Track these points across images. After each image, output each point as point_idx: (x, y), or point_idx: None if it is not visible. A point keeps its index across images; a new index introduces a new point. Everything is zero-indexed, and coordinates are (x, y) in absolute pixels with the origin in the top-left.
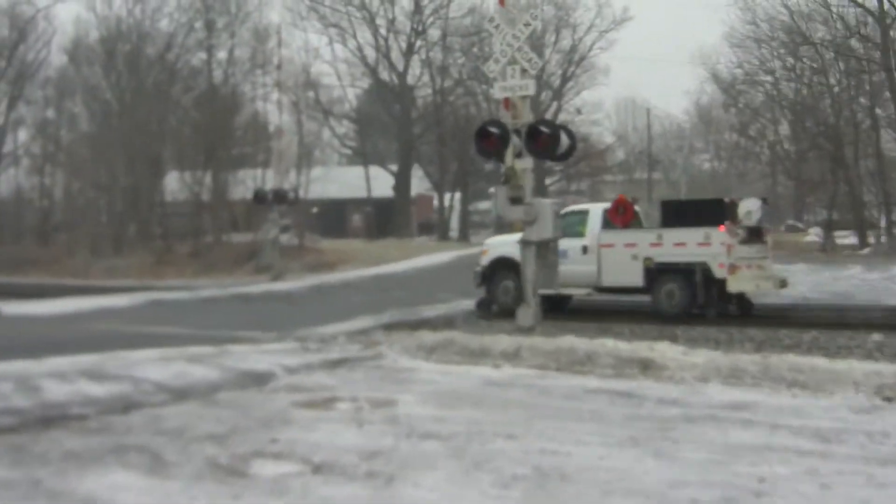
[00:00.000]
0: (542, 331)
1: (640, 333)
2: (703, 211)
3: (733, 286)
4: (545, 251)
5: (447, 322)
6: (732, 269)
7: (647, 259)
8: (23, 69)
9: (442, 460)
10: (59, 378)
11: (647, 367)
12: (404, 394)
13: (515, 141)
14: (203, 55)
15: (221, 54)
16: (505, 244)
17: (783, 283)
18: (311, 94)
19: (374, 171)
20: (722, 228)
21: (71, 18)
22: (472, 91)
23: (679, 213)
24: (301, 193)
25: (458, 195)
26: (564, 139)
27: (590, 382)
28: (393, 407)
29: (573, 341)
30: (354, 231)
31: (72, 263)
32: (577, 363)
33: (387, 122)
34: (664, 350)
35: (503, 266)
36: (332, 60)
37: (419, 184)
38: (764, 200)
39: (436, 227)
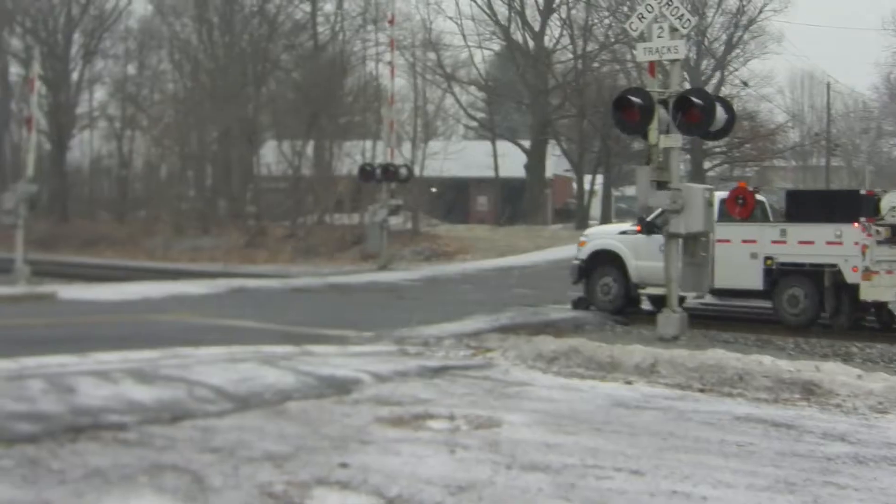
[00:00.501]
0: (687, 341)
1: (806, 349)
2: (836, 204)
3: (868, 294)
4: (694, 246)
5: (576, 326)
6: (867, 273)
7: (768, 258)
8: (100, 18)
9: (545, 499)
10: (101, 378)
11: (810, 391)
12: (512, 412)
13: (662, 113)
14: (307, 7)
15: (328, 6)
16: (606, 235)
17: None
18: (431, 55)
19: (504, 146)
20: (856, 225)
21: None
22: (621, 57)
23: (807, 206)
24: (416, 170)
25: (600, 178)
26: (721, 113)
27: (739, 408)
28: (496, 429)
29: (722, 356)
30: (479, 215)
31: (151, 243)
32: (725, 383)
33: (520, 90)
34: (833, 372)
35: (603, 260)
36: (456, 17)
37: (556, 164)
38: None
39: (574, 214)
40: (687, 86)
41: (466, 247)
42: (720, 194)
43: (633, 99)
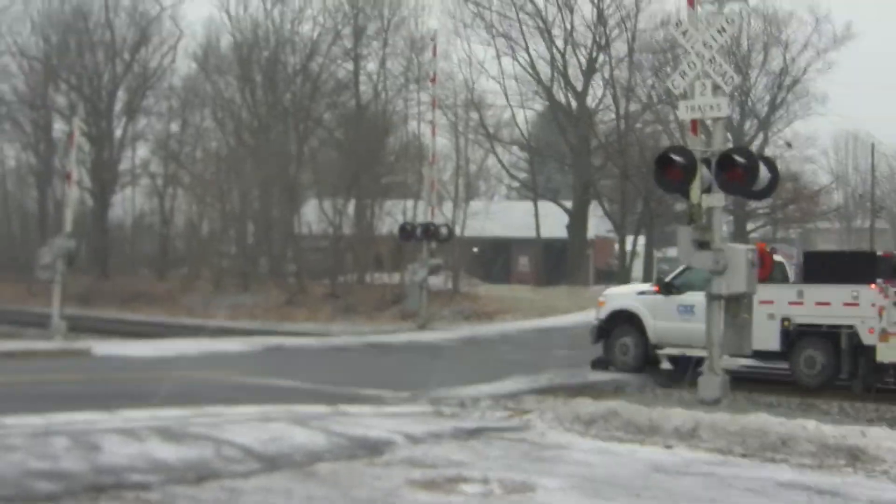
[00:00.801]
0: (729, 404)
1: (851, 413)
2: (853, 265)
3: (885, 356)
4: (736, 308)
5: (616, 388)
6: (885, 335)
7: (785, 319)
8: (144, 76)
9: None
10: (127, 436)
11: (856, 457)
12: (547, 477)
13: (704, 172)
14: (350, 66)
15: (371, 66)
16: (625, 296)
17: None
18: (474, 115)
19: (546, 207)
20: (873, 287)
21: (201, 20)
22: (664, 117)
23: (824, 268)
24: (458, 230)
25: (642, 239)
26: (764, 172)
27: (783, 474)
28: (529, 494)
29: (765, 420)
30: (520, 276)
31: (190, 300)
32: (768, 448)
33: (562, 150)
34: (879, 437)
35: (622, 320)
36: (499, 77)
37: (598, 224)
38: None
39: (616, 275)
40: (731, 146)
41: (507, 307)
42: None
43: (676, 157)
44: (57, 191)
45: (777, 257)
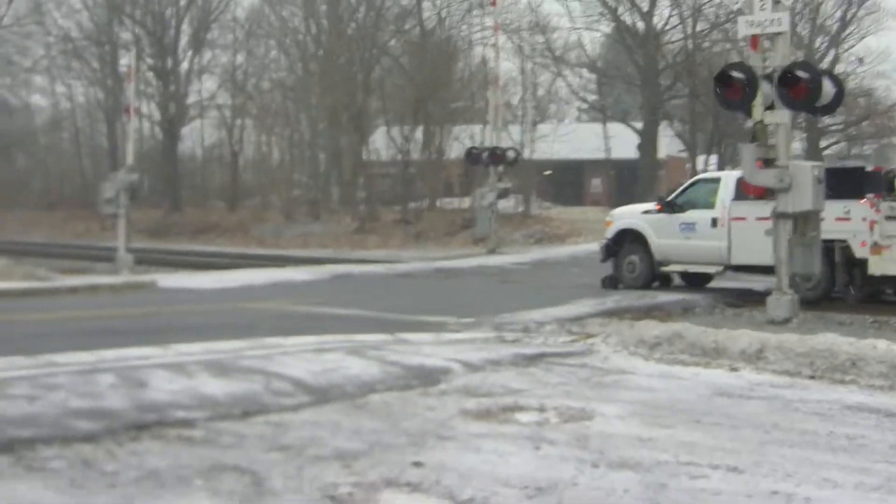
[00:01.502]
0: (799, 325)
1: None
2: (844, 181)
3: (876, 268)
4: (804, 226)
5: (684, 309)
6: (876, 248)
7: None
8: (208, 8)
9: (631, 502)
10: (176, 371)
11: None
12: (606, 403)
13: (766, 89)
14: None
15: None
16: (631, 215)
17: None
18: (539, 38)
19: (616, 128)
20: (864, 202)
21: None
22: (732, 36)
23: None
24: (527, 153)
25: (714, 158)
26: (828, 87)
27: (851, 396)
28: (587, 422)
29: (833, 340)
30: (593, 197)
31: (261, 230)
32: (837, 370)
33: (630, 72)
34: None
35: (629, 239)
36: None
37: (669, 144)
38: None
39: None
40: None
41: (578, 229)
42: (735, 174)
43: (736, 74)
44: (126, 125)
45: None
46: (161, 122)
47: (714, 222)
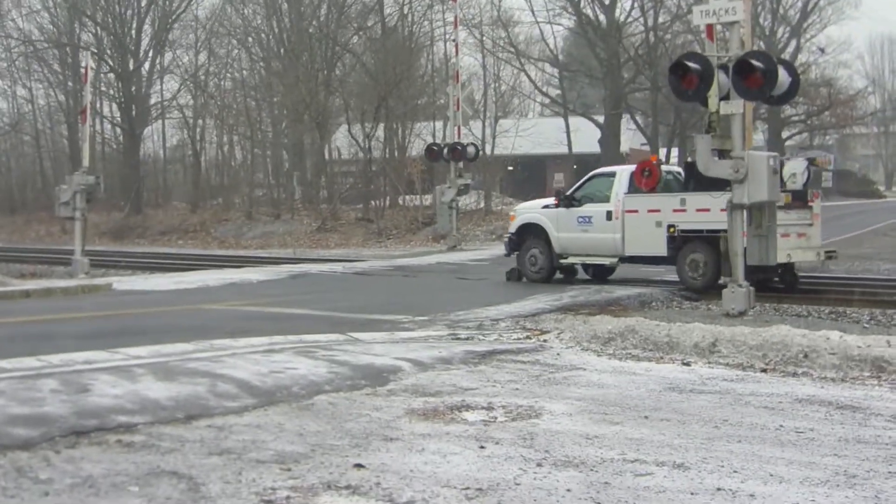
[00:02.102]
0: (755, 317)
1: (883, 321)
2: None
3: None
4: (759, 217)
5: (641, 303)
6: None
7: (670, 226)
8: (169, 8)
9: (572, 502)
10: (120, 374)
11: (881, 369)
12: (555, 401)
13: (722, 79)
14: None
15: None
16: (532, 209)
17: (830, 255)
18: (501, 33)
19: (578, 122)
20: None
21: None
22: (694, 28)
23: (703, 176)
24: (488, 149)
25: (675, 150)
26: (784, 76)
27: (802, 389)
28: (534, 419)
29: (787, 332)
30: (556, 192)
31: (223, 231)
32: (789, 362)
33: (592, 65)
34: None
35: (530, 233)
36: None
37: (631, 138)
38: (811, 161)
39: None
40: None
41: None
42: (629, 168)
43: (691, 65)
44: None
45: (667, 168)
46: (122, 124)
47: (609, 215)
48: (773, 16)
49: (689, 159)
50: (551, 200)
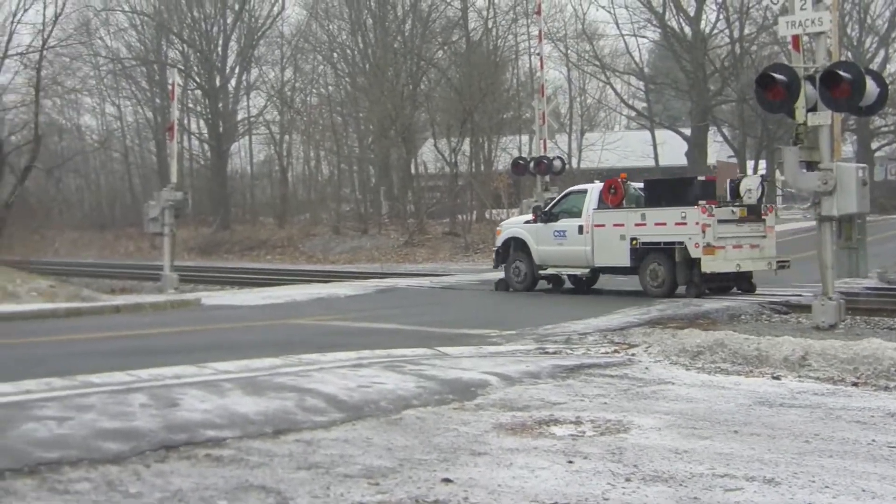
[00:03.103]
0: (846, 330)
1: None
2: (681, 190)
3: (708, 266)
4: (849, 229)
5: (730, 317)
6: (709, 248)
7: (633, 239)
8: (254, 25)
9: None
10: (209, 389)
11: None
12: (644, 415)
13: (809, 90)
14: (458, 4)
15: (480, 2)
16: (515, 225)
17: (783, 265)
18: (586, 46)
19: (664, 135)
20: (697, 208)
21: None
22: (781, 39)
23: (660, 193)
24: (574, 162)
25: (763, 162)
26: (872, 87)
27: (895, 403)
28: (623, 434)
29: (878, 345)
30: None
31: (310, 246)
32: (881, 375)
33: (678, 78)
34: None
35: (515, 247)
36: (609, 6)
37: (718, 150)
38: (763, 178)
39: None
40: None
41: None
42: (598, 185)
43: (777, 76)
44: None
45: (634, 185)
46: (209, 140)
47: (580, 229)
48: (861, 26)
49: (650, 178)
50: (531, 216)
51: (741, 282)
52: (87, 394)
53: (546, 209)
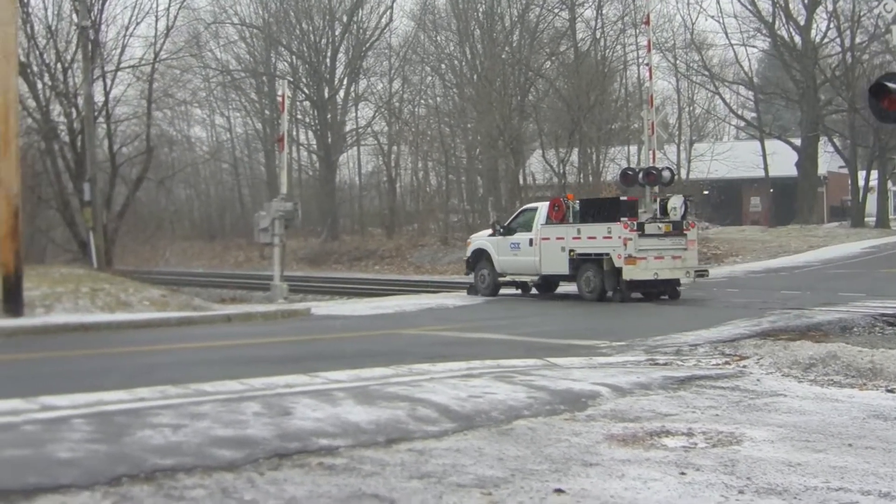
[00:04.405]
0: None
1: None
2: (606, 208)
3: (629, 275)
4: None
5: (842, 329)
6: (630, 259)
7: (571, 250)
8: (363, 36)
9: None
10: (321, 398)
11: None
12: (756, 427)
13: None
14: (566, 15)
15: (588, 13)
16: (481, 238)
17: (701, 273)
18: (695, 56)
19: (774, 145)
20: (620, 224)
21: None
22: (893, 48)
23: (593, 211)
24: (683, 173)
25: (875, 173)
26: None
27: None
28: (735, 446)
29: None
30: (752, 216)
31: (418, 256)
32: None
33: (788, 87)
34: None
35: (481, 257)
36: (718, 16)
37: (829, 160)
38: (687, 198)
39: (849, 212)
40: None
41: (737, 249)
42: (546, 203)
43: (891, 85)
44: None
45: (573, 203)
46: (318, 151)
47: (531, 242)
48: None
49: (584, 197)
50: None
51: (668, 289)
52: (201, 402)
53: (505, 224)
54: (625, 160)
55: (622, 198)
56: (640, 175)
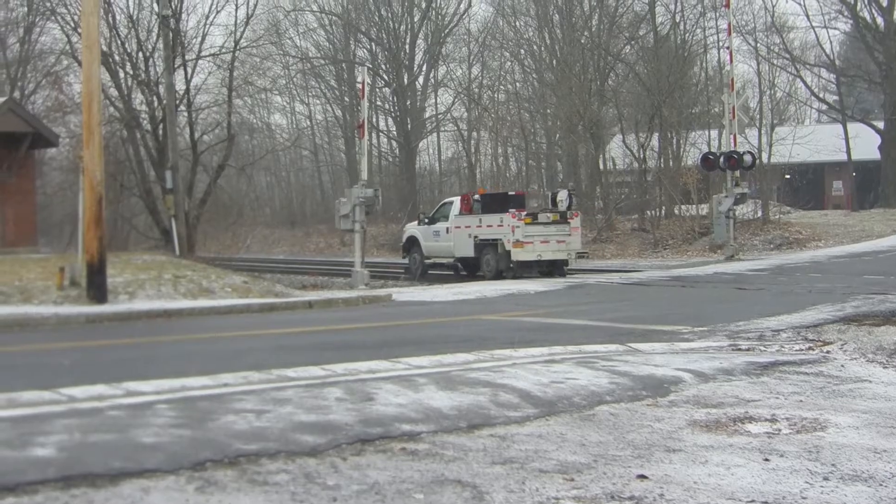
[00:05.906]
0: None
1: None
2: (501, 202)
3: (518, 256)
4: None
5: None
6: (518, 244)
7: (475, 236)
8: (442, 22)
9: None
10: (402, 384)
11: None
12: (841, 413)
13: None
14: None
15: None
16: (413, 227)
17: (581, 255)
18: (775, 38)
19: (857, 128)
20: (508, 214)
21: None
22: None
23: (491, 203)
24: (764, 157)
25: None
26: None
27: None
28: (820, 432)
29: None
30: (835, 200)
31: None
32: None
33: (871, 70)
34: None
35: (414, 243)
36: None
37: None
38: (571, 190)
39: None
40: None
41: (819, 233)
42: (459, 198)
43: None
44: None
45: (475, 197)
46: (398, 138)
47: (447, 230)
48: None
49: (485, 192)
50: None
51: (555, 268)
52: (284, 388)
53: (429, 215)
54: (705, 144)
55: (510, 192)
56: (722, 159)
